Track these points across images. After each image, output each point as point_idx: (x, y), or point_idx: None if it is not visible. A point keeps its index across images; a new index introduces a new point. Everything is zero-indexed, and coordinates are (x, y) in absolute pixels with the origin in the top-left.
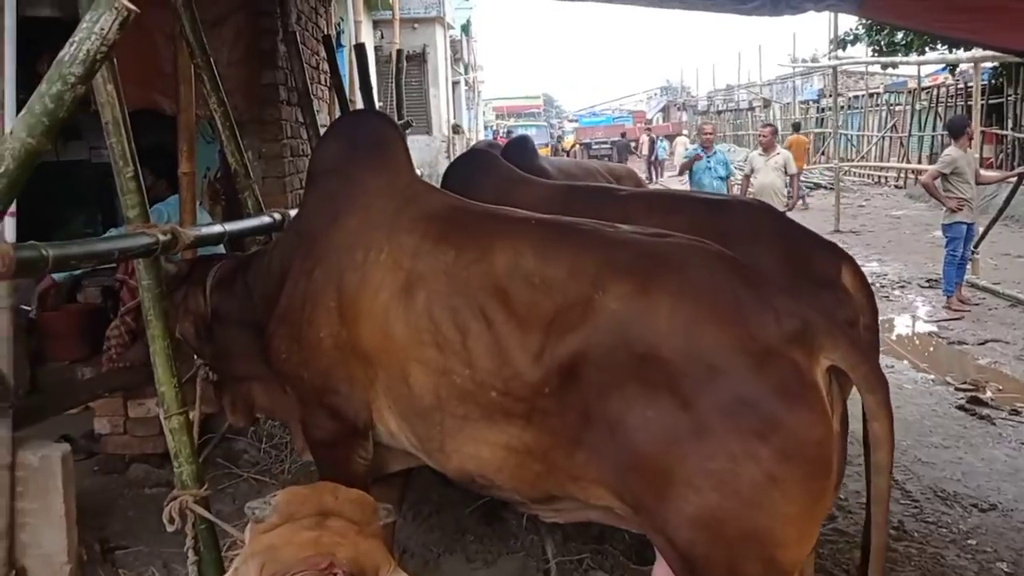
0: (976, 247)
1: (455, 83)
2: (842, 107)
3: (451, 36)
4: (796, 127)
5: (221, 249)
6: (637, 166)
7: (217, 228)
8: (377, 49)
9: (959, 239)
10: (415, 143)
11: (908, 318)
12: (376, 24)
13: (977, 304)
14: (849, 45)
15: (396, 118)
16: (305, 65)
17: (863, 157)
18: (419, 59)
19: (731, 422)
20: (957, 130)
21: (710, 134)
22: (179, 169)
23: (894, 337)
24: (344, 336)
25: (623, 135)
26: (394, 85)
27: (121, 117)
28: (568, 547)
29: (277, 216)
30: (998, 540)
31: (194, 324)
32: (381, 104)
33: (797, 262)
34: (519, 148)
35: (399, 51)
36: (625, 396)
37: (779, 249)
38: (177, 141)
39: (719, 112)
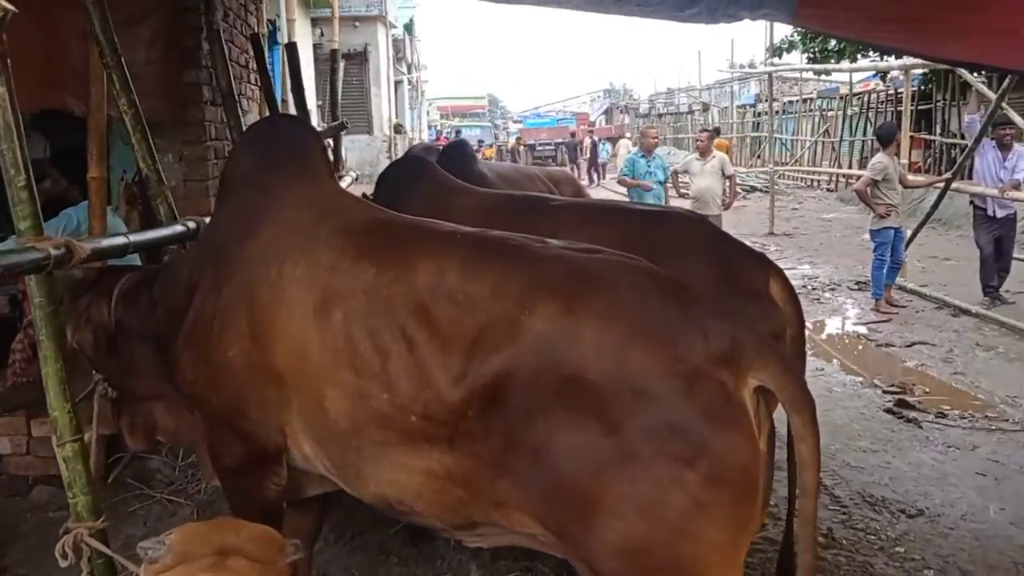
0: (904, 249)
1: (397, 82)
2: (777, 112)
3: (393, 35)
4: (716, 132)
5: (137, 259)
6: (583, 168)
7: (119, 240)
8: (317, 47)
9: (887, 243)
10: (355, 143)
11: (838, 320)
12: (316, 22)
13: (904, 307)
14: (784, 52)
15: (332, 118)
16: (233, 64)
17: (797, 161)
18: (360, 58)
19: (658, 448)
20: (886, 138)
21: (655, 139)
22: (88, 173)
23: (824, 339)
24: (256, 356)
25: (572, 135)
26: (330, 85)
27: (14, 121)
28: (497, 566)
29: (191, 224)
30: (926, 547)
31: (94, 335)
32: (319, 104)
33: (727, 274)
34: (456, 153)
35: (334, 51)
36: (551, 420)
37: (709, 261)
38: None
39: (660, 115)
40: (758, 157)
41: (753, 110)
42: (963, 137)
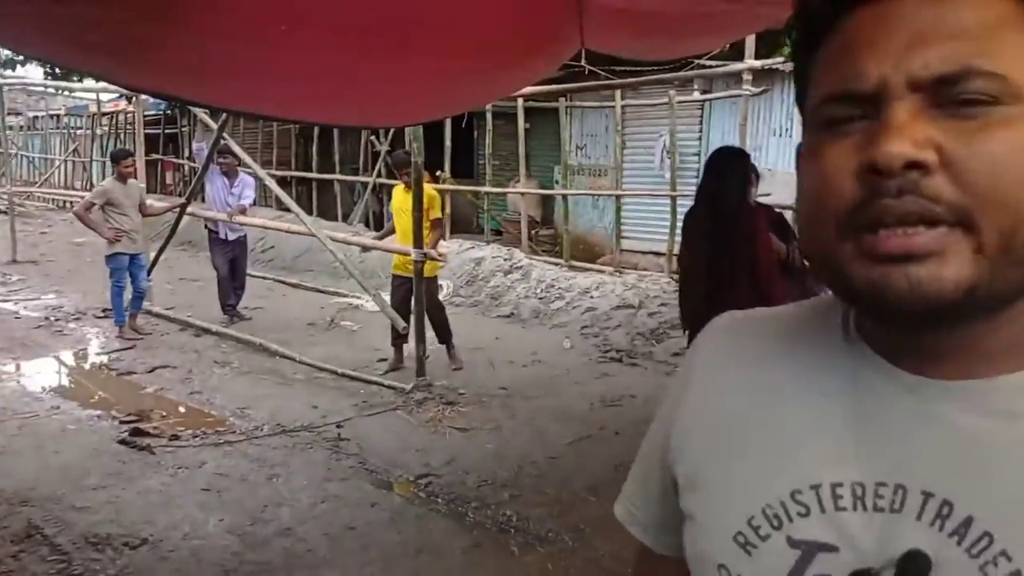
0: (149, 274)
1: None
2: (23, 127)
3: None
4: None
5: None
6: None
7: None
8: None
9: (121, 269)
10: None
11: (81, 352)
12: None
13: (150, 332)
14: (19, 65)
15: None
16: None
17: (47, 180)
18: None
19: None
20: (115, 157)
21: None
22: None
23: (65, 375)
24: None
25: None
26: None
27: None
28: None
29: None
30: None
31: None
32: None
33: None
34: None
35: None
36: None
37: None
38: None
39: None
40: (1, 175)
41: None
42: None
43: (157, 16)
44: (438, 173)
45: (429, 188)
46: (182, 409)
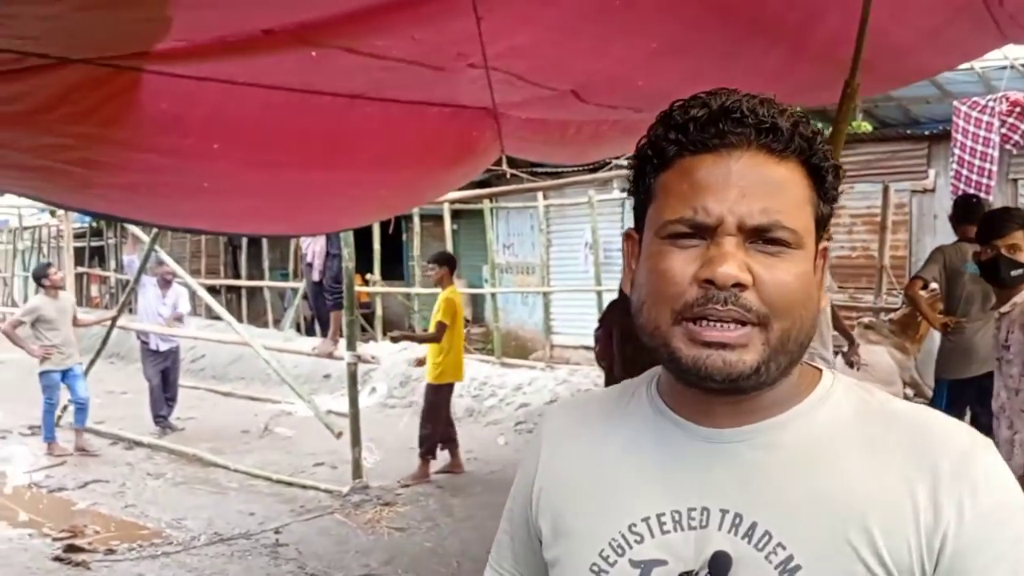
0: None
1: None
2: None
3: None
4: None
5: None
6: None
7: None
8: None
9: (52, 387)
10: None
11: (8, 471)
12: None
13: (99, 453)
14: None
15: None
16: None
17: None
18: None
19: None
20: (37, 275)
21: None
22: None
23: None
24: None
25: None
26: None
27: None
28: None
29: None
30: None
31: None
32: None
33: None
34: None
35: None
36: None
37: None
38: None
39: None
40: None
41: None
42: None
43: (92, 140)
44: (367, 276)
45: (446, 292)
46: (116, 523)
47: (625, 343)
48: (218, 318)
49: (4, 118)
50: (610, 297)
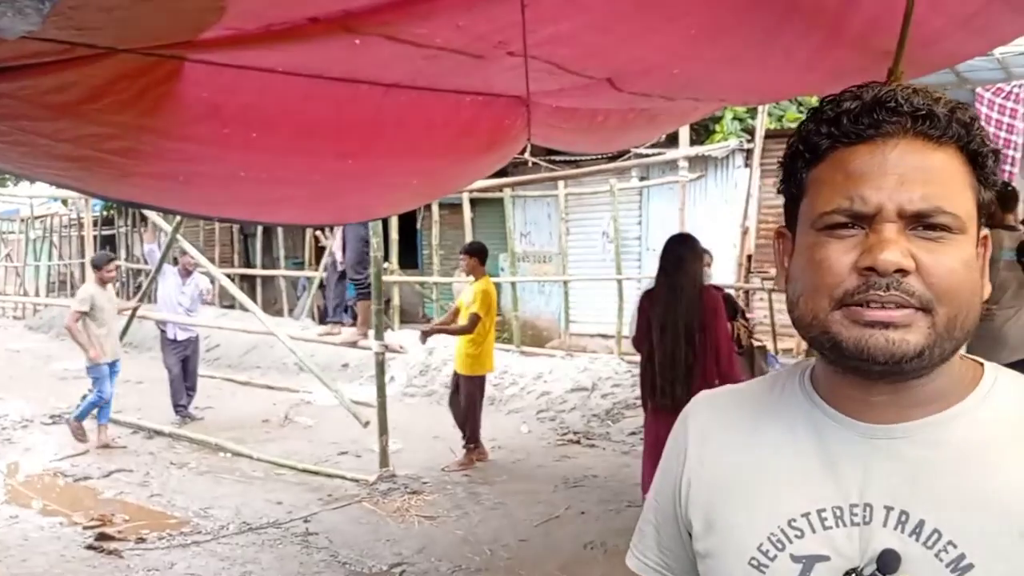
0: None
1: None
2: None
3: None
4: None
5: None
6: None
7: None
8: None
9: (103, 378)
10: None
11: (34, 459)
12: None
13: (125, 446)
14: None
15: None
16: None
17: None
18: None
19: None
20: (98, 264)
21: None
22: None
23: (21, 481)
24: None
25: None
26: None
27: None
28: None
29: None
30: None
31: None
32: None
33: None
34: None
35: None
36: None
37: None
38: None
39: None
40: None
41: None
42: (147, 263)
43: (133, 129)
44: (385, 264)
45: (481, 283)
46: (144, 511)
47: (664, 333)
48: (232, 306)
49: (51, 108)
50: (628, 285)
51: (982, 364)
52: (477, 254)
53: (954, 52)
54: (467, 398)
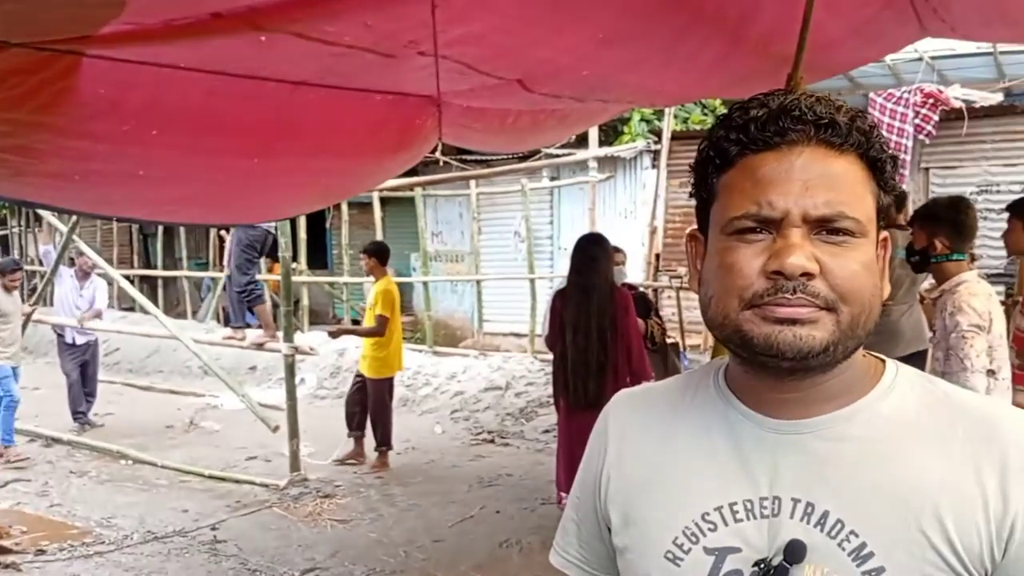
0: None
1: None
2: None
3: None
4: None
5: None
6: None
7: None
8: None
9: (7, 378)
10: None
11: None
12: None
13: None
14: None
15: None
16: None
17: None
18: None
19: None
20: (3, 270)
21: None
22: None
23: None
24: None
25: None
26: None
27: None
28: None
29: None
30: None
31: None
32: None
33: None
34: None
35: None
36: None
37: None
38: None
39: None
40: None
41: None
42: (43, 264)
43: (27, 127)
44: (293, 264)
45: (382, 283)
46: (43, 522)
47: (576, 333)
48: (131, 309)
49: None
50: (541, 284)
51: (884, 360)
52: (376, 254)
53: (849, 58)
54: (376, 401)
